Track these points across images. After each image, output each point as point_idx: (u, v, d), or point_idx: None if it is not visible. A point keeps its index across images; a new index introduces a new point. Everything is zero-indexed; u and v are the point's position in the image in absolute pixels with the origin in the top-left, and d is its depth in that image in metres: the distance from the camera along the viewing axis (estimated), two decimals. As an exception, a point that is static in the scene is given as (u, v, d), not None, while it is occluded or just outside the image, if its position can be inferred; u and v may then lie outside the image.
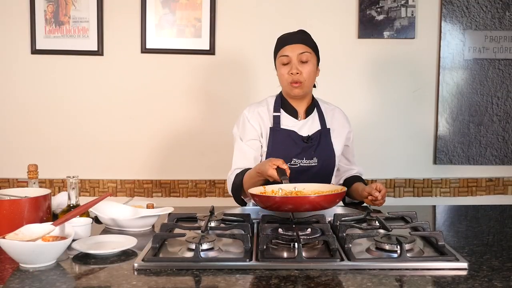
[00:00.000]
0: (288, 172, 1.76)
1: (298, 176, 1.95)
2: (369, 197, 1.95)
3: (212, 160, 3.04)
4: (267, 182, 1.83)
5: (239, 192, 2.03)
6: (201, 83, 3.04)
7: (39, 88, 3.01)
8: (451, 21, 3.02)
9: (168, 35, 2.98)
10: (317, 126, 2.12)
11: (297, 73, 2.02)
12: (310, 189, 1.72)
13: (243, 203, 2.08)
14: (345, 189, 1.65)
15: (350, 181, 2.17)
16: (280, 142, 2.06)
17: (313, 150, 2.07)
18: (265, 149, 2.09)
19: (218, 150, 3.02)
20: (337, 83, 3.03)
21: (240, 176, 2.01)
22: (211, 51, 2.99)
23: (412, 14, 3.00)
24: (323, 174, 2.09)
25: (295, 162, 2.03)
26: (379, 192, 1.92)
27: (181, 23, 2.98)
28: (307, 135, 2.08)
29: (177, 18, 2.97)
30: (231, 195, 2.09)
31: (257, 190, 1.72)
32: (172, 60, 3.01)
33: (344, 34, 3.03)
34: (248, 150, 2.09)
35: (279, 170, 1.76)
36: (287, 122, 2.11)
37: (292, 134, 2.07)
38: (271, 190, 1.73)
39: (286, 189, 1.72)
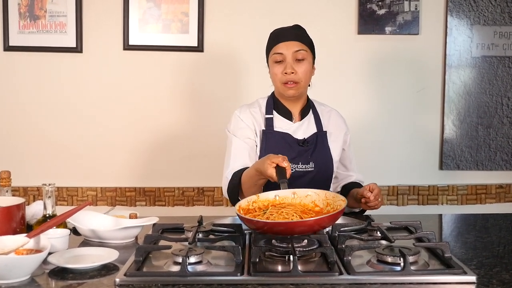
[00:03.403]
0: (288, 172, 1.72)
1: (293, 182, 1.93)
2: (362, 200, 1.94)
3: (201, 166, 3.04)
4: (268, 181, 1.81)
5: (236, 193, 2.00)
6: (188, 82, 3.04)
7: (12, 88, 3.00)
8: (457, 16, 3.04)
9: (153, 31, 2.98)
10: (313, 129, 2.12)
11: (292, 73, 2.01)
12: (307, 198, 1.70)
13: None
14: (345, 204, 1.56)
15: (347, 188, 2.17)
16: (274, 146, 2.05)
17: (310, 154, 2.06)
18: (258, 152, 2.09)
19: (207, 155, 3.02)
20: (335, 82, 3.04)
21: (238, 175, 1.98)
22: (199, 48, 2.99)
23: (416, 8, 3.01)
24: (320, 180, 2.07)
25: (290, 167, 2.02)
26: (371, 192, 1.91)
27: (167, 17, 2.98)
28: (302, 138, 2.08)
29: (162, 12, 2.97)
30: (227, 196, 2.06)
31: (250, 199, 1.68)
32: (157, 57, 3.01)
33: (343, 30, 3.04)
34: (245, 148, 2.06)
35: (278, 169, 1.72)
36: (280, 124, 2.10)
37: (286, 137, 2.07)
38: (266, 198, 1.70)
39: (283, 196, 1.70)
